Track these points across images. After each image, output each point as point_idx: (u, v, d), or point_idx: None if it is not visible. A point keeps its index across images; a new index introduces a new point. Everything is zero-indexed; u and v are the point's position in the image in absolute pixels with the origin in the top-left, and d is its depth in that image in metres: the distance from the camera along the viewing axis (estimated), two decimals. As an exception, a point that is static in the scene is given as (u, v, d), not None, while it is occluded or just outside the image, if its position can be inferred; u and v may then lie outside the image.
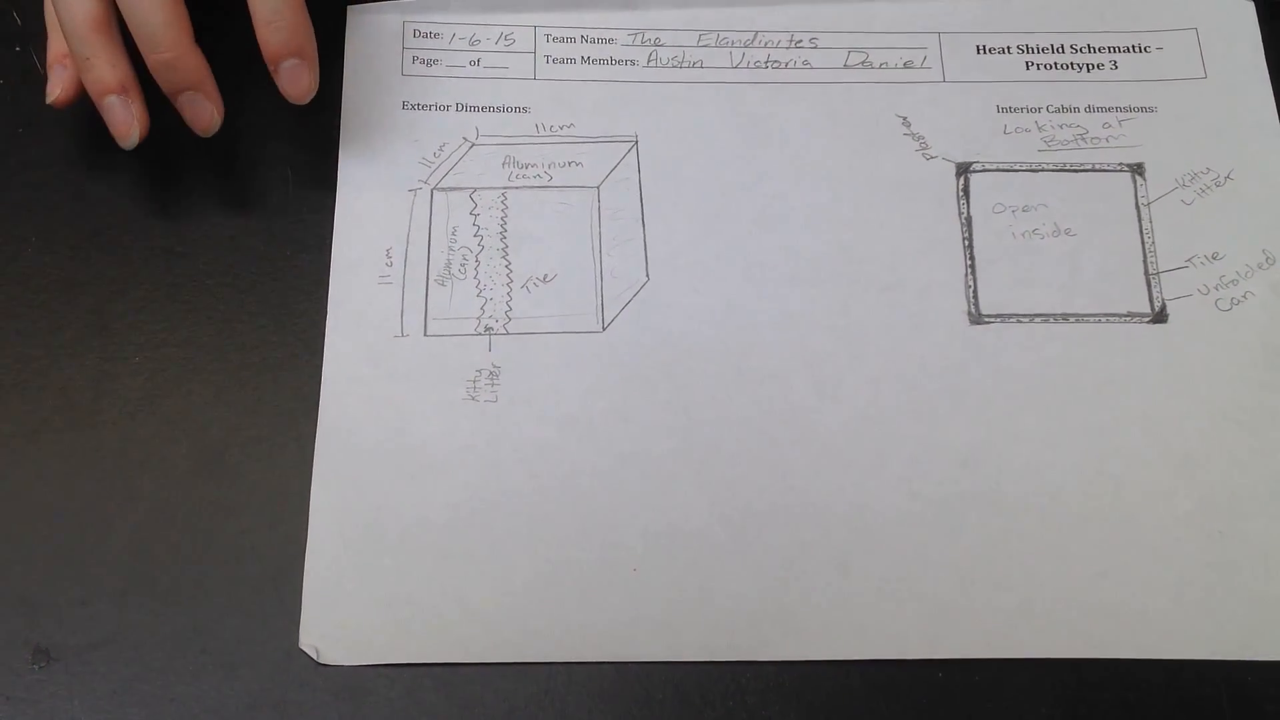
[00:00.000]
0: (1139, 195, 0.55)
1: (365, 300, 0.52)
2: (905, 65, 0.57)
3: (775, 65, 0.57)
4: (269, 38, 0.50)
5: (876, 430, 0.51)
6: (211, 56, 0.51)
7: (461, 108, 0.56)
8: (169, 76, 0.50)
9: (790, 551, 0.49)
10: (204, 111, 0.51)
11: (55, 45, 0.52)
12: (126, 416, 0.50)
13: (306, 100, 0.52)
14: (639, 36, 0.57)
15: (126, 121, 0.51)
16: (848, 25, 0.58)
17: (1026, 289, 0.53)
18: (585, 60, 0.57)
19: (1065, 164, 0.55)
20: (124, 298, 0.52)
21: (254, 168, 0.54)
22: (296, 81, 0.51)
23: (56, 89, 0.52)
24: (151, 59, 0.50)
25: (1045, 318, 0.53)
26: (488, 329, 0.52)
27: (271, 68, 0.51)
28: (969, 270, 0.53)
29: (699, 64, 0.57)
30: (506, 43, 0.57)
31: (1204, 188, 0.55)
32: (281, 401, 0.50)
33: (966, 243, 0.54)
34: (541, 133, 0.55)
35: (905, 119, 0.56)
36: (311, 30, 0.51)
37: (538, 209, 0.54)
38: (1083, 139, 0.56)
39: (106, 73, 0.50)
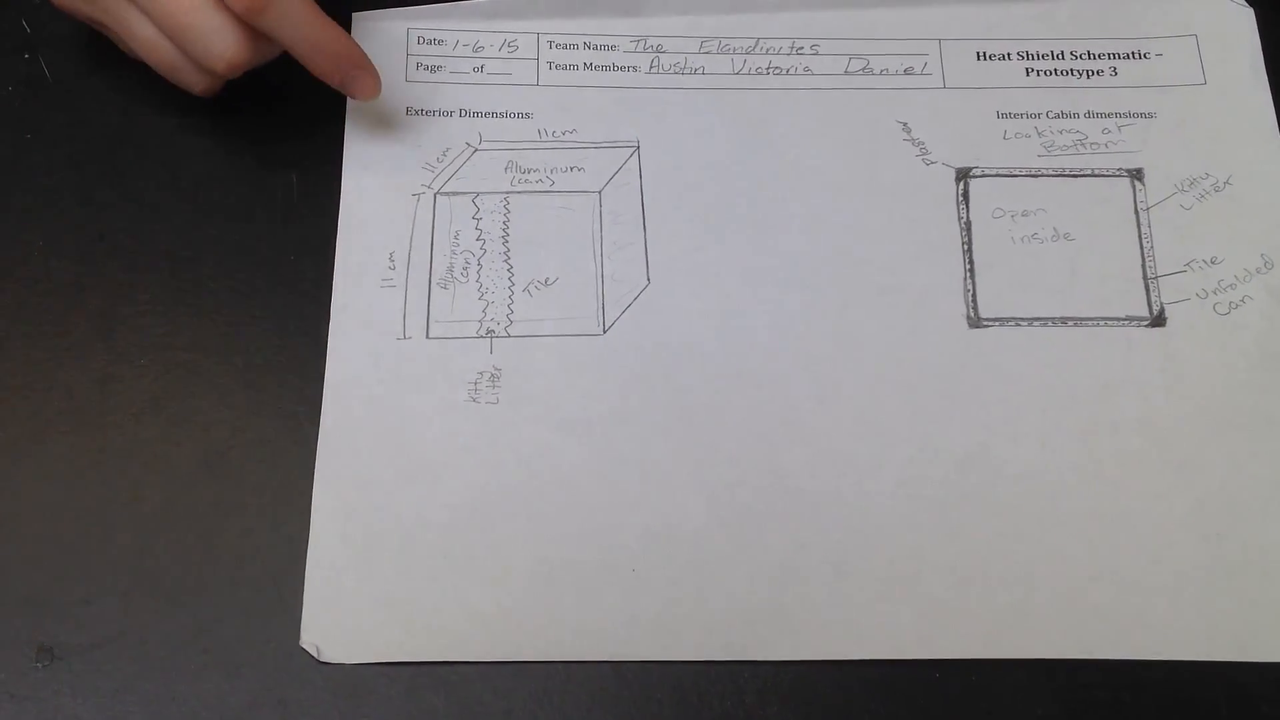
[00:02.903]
0: (1138, 200, 0.55)
1: (368, 303, 0.52)
2: (906, 71, 0.58)
3: (776, 72, 0.57)
4: (322, 68, 0.52)
5: (874, 433, 0.51)
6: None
7: (465, 113, 0.56)
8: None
9: (788, 552, 0.49)
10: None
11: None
12: (131, 419, 0.50)
13: (377, 93, 0.53)
14: (641, 43, 0.58)
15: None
16: (848, 32, 0.58)
17: (1025, 293, 0.53)
18: (588, 66, 0.57)
19: (1065, 169, 0.56)
20: (129, 301, 0.52)
21: (258, 173, 0.55)
22: (365, 89, 0.53)
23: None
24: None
25: (1044, 321, 0.53)
26: (489, 332, 0.52)
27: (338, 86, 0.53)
28: (968, 274, 0.54)
29: (700, 70, 0.57)
30: (510, 49, 0.58)
31: (1203, 193, 0.55)
32: (284, 403, 0.51)
33: (966, 247, 0.54)
34: (544, 138, 0.56)
35: (905, 125, 0.56)
36: (347, 38, 0.52)
37: (539, 213, 0.54)
38: (1082, 144, 0.56)
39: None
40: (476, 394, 0.51)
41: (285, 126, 0.55)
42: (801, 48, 0.58)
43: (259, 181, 0.55)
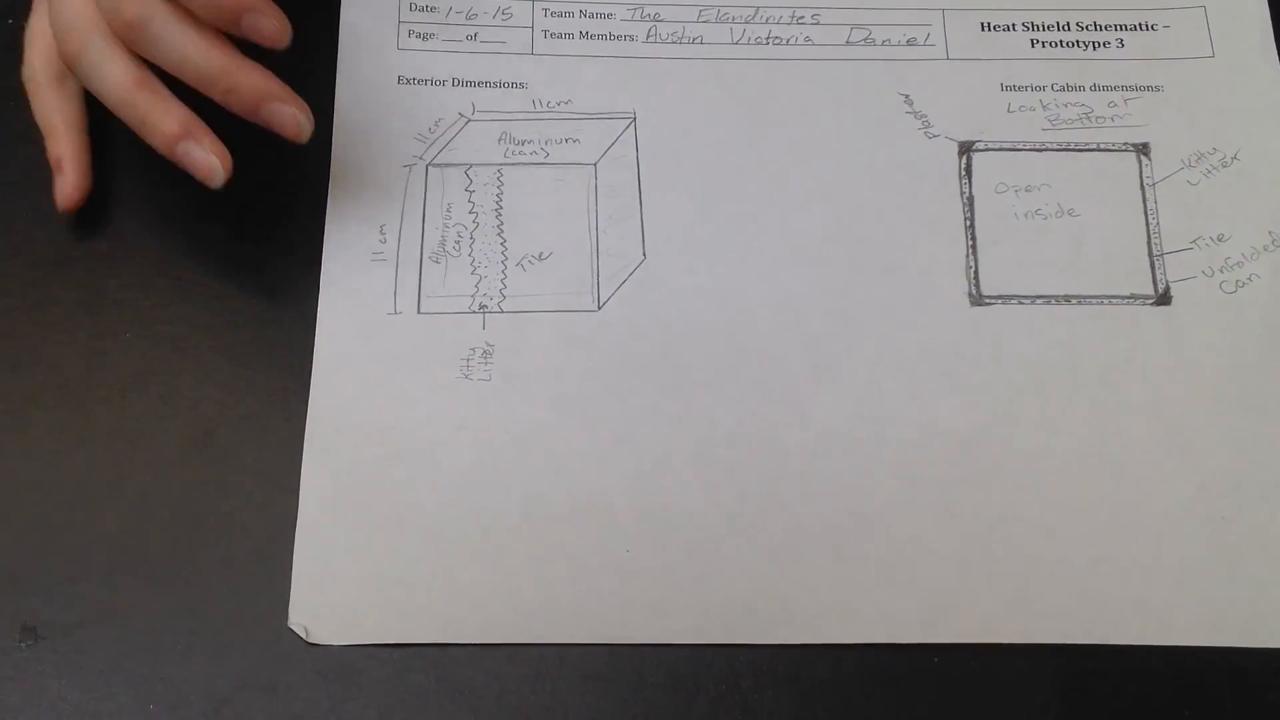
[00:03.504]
0: (1144, 176, 0.54)
1: (358, 277, 0.52)
2: (908, 42, 0.56)
3: (776, 42, 0.56)
4: (217, 97, 0.48)
5: (874, 413, 0.50)
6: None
7: (458, 83, 0.55)
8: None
9: (785, 535, 0.48)
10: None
11: (55, 145, 0.51)
12: (117, 394, 0.50)
13: (307, 136, 0.49)
14: (638, 11, 0.56)
15: (206, 162, 0.48)
16: (850, 2, 0.57)
17: (1028, 270, 0.52)
18: (584, 35, 0.56)
19: (1069, 143, 0.55)
20: (115, 274, 0.51)
21: (246, 143, 0.53)
22: (287, 124, 0.49)
23: (68, 191, 0.51)
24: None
25: (1047, 299, 0.52)
26: (482, 307, 0.51)
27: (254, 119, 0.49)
28: (970, 251, 0.53)
29: (699, 40, 0.56)
30: (504, 17, 0.56)
31: (1210, 168, 0.54)
32: (273, 379, 0.50)
33: (968, 223, 0.53)
34: (538, 108, 0.55)
35: (908, 97, 0.55)
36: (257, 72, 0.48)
37: (534, 186, 0.53)
38: (1087, 118, 0.55)
39: (167, 123, 0.48)
40: (469, 371, 0.50)
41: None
42: (802, 17, 0.57)
43: (246, 152, 0.53)
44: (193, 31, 0.47)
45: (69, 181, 0.51)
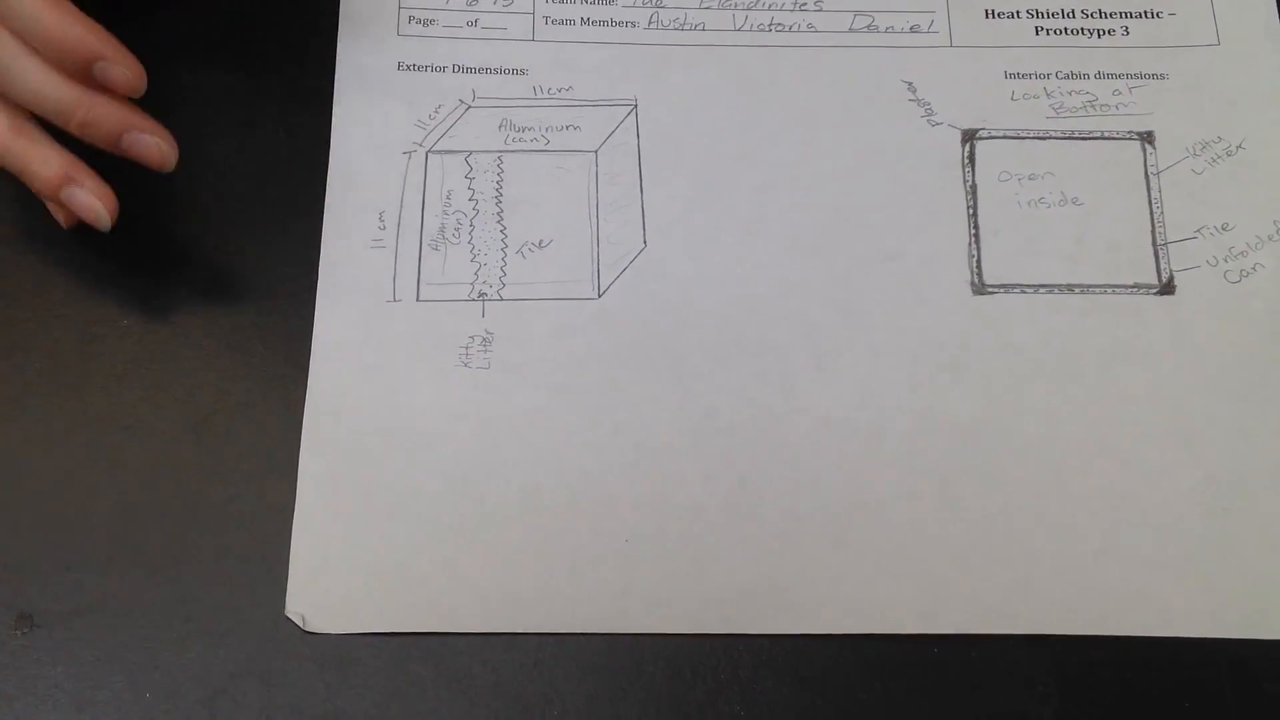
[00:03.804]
0: (1148, 164, 0.54)
1: (357, 264, 0.51)
2: (912, 29, 0.56)
3: (779, 28, 0.56)
4: (87, 135, 0.47)
5: (876, 402, 0.50)
6: (197, 14, 0.50)
7: (458, 69, 0.55)
8: (96, 133, 0.47)
9: (785, 524, 0.48)
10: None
11: (47, 167, 0.48)
12: (114, 380, 0.49)
13: (172, 164, 0.48)
14: (640, -2, 0.56)
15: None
16: (853, -12, 0.57)
17: (1031, 259, 0.52)
18: (585, 21, 0.56)
19: (1073, 132, 0.54)
20: (112, 261, 0.51)
21: (247, 129, 0.53)
22: (150, 153, 0.48)
23: (106, 201, 0.48)
24: (71, 128, 0.47)
25: (1050, 288, 0.52)
26: (481, 295, 0.51)
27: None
28: (973, 239, 0.52)
29: (701, 26, 0.56)
30: (505, 2, 0.56)
31: (1215, 157, 0.54)
32: (271, 367, 0.50)
33: (971, 211, 0.53)
34: (539, 95, 0.54)
35: (911, 84, 0.55)
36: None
37: (534, 173, 0.53)
38: (1092, 106, 0.55)
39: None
40: (468, 359, 0.50)
41: (273, 82, 0.54)
42: (805, 4, 0.56)
43: (246, 138, 0.53)
44: (46, 65, 0.46)
45: (97, 190, 0.48)
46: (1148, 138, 0.54)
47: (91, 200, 0.47)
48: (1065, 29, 0.56)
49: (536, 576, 0.47)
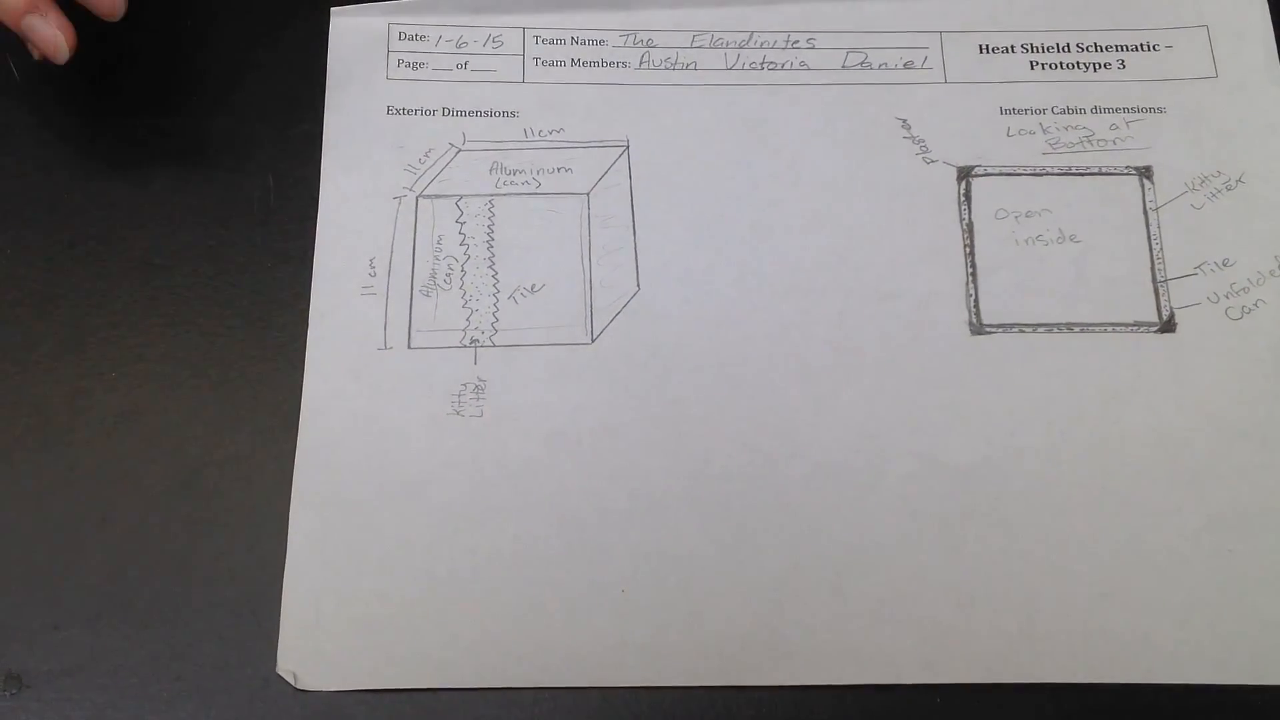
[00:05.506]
0: (1147, 199, 0.53)
1: (348, 312, 0.51)
2: (905, 66, 0.55)
3: (771, 66, 0.55)
4: None
5: (873, 445, 0.49)
6: (183, 59, 0.49)
7: (448, 112, 0.54)
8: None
9: (783, 572, 0.47)
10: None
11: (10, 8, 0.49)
12: (102, 434, 0.49)
13: (65, 57, 0.48)
14: (631, 37, 0.56)
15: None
16: (846, 25, 0.56)
17: (1030, 297, 0.51)
18: (576, 63, 0.55)
19: (1070, 167, 0.54)
20: (101, 311, 0.51)
21: (234, 176, 0.53)
22: (45, 40, 0.48)
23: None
24: None
25: (1049, 327, 0.51)
26: (474, 341, 0.50)
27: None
28: (970, 278, 0.52)
29: (693, 65, 0.55)
30: (495, 45, 0.55)
31: (1214, 191, 0.53)
32: (261, 418, 0.49)
33: (968, 249, 0.52)
34: (530, 138, 0.54)
35: (905, 121, 0.54)
36: None
37: (525, 217, 0.53)
38: (1089, 141, 0.54)
39: None
40: (460, 407, 0.49)
41: (261, 127, 0.53)
42: (797, 41, 0.56)
43: (234, 184, 0.53)
44: None
45: (58, 22, 0.48)
46: (1146, 172, 0.54)
47: (52, 31, 0.48)
48: (1060, 63, 0.56)
49: (531, 629, 0.46)
